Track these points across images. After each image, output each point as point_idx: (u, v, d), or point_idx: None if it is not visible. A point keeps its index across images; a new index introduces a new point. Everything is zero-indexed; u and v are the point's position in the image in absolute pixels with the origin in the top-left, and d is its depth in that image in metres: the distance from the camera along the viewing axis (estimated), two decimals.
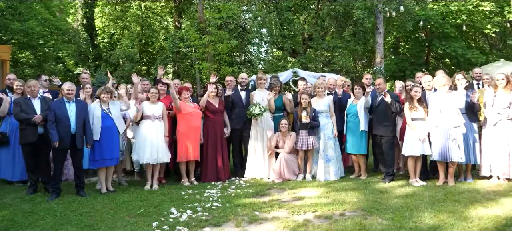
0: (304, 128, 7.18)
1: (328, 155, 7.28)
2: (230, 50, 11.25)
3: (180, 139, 6.99)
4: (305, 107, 7.19)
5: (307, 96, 7.22)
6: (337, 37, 12.31)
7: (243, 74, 7.95)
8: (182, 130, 6.98)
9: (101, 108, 6.46)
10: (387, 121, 7.00)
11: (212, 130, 7.26)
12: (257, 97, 7.48)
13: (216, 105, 7.33)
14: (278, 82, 7.66)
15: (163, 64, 15.88)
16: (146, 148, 6.62)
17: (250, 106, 7.32)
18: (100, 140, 6.36)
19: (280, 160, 7.18)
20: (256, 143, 7.44)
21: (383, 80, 7.24)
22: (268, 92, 7.43)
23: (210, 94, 7.29)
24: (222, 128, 7.41)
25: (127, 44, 20.73)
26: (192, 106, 7.12)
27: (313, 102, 7.34)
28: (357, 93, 7.30)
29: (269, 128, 7.39)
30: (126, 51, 19.58)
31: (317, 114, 7.26)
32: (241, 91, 7.71)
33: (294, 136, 7.25)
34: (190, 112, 6.99)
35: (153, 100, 6.83)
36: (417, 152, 6.60)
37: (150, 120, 6.74)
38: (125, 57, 19.57)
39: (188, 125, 6.97)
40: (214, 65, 10.50)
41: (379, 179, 7.17)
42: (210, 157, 7.23)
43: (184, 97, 7.05)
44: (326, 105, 7.36)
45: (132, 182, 7.41)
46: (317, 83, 7.43)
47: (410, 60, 15.93)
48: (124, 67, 18.77)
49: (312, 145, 7.18)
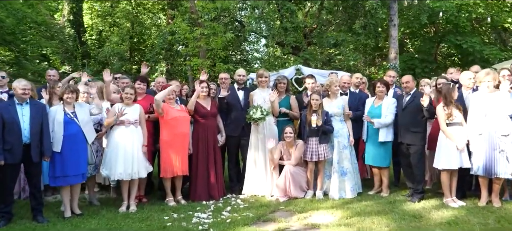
0: (315, 134, 5.92)
1: (344, 168, 6.02)
2: (225, 45, 9.95)
3: (163, 150, 5.71)
4: (316, 109, 5.93)
5: (318, 97, 5.96)
6: (345, 30, 10.98)
7: (240, 70, 6.66)
8: (166, 139, 5.69)
9: (64, 111, 5.18)
10: (417, 126, 5.75)
11: (203, 138, 5.98)
12: (258, 98, 6.19)
13: (207, 108, 6.04)
14: (283, 79, 6.37)
15: (152, 61, 14.66)
16: (118, 160, 5.33)
17: (250, 109, 6.04)
18: (61, 152, 5.09)
19: (285, 174, 5.91)
20: (257, 153, 6.16)
21: (411, 77, 5.99)
22: (271, 92, 6.15)
23: (200, 94, 6.01)
24: (215, 135, 6.13)
25: (116, 42, 19.62)
26: (178, 110, 5.83)
27: (325, 103, 6.08)
28: (380, 92, 6.05)
29: (272, 136, 6.12)
30: (115, 49, 18.51)
31: (329, 118, 6.00)
32: (238, 91, 6.42)
33: (302, 144, 5.98)
34: (175, 117, 5.70)
35: (128, 102, 5.53)
36: (454, 164, 5.35)
37: (124, 125, 5.45)
38: (114, 55, 18.42)
39: (173, 132, 5.68)
40: (207, 61, 9.19)
41: (404, 197, 5.94)
42: (201, 170, 5.94)
43: (168, 98, 5.76)
44: (340, 107, 6.10)
45: (106, 201, 6.12)
46: (331, 81, 6.15)
47: (419, 58, 14.70)
48: (113, 66, 17.77)
49: (324, 155, 5.91)
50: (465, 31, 14.04)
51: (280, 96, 6.30)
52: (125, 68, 18.75)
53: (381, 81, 6.16)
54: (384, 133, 5.97)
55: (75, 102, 5.33)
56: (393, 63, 9.70)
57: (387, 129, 5.98)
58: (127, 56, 20.39)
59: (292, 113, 6.27)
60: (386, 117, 5.93)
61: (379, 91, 6.06)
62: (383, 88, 6.05)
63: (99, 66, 19.43)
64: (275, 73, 8.77)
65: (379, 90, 6.06)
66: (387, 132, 5.99)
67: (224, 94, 6.18)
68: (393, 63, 9.69)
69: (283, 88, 6.31)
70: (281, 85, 6.31)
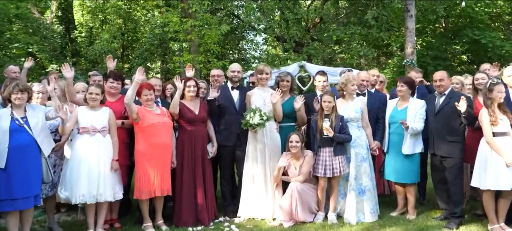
0: (327, 144, 4.81)
1: (362, 185, 4.91)
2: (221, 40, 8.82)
3: (139, 165, 4.58)
4: (329, 113, 4.82)
5: (331, 98, 4.84)
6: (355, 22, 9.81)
7: (235, 65, 5.48)
8: (142, 150, 4.56)
9: (11, 117, 4.07)
10: (454, 135, 4.65)
11: (190, 149, 4.86)
12: (256, 100, 5.08)
13: (195, 112, 4.92)
14: (287, 76, 5.24)
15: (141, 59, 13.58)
16: (81, 179, 4.22)
17: (246, 113, 4.91)
18: (7, 168, 3.99)
19: (291, 193, 4.79)
20: (255, 166, 5.04)
21: (446, 74, 4.87)
22: (273, 91, 5.03)
23: (187, 94, 4.90)
24: (205, 144, 5.00)
25: (107, 39, 18.57)
26: (158, 114, 4.70)
27: (339, 106, 4.97)
28: (403, 93, 4.95)
29: (273, 145, 5.01)
30: (105, 47, 17.46)
31: (345, 124, 4.88)
32: (232, 91, 5.29)
33: (311, 156, 4.87)
34: (153, 123, 4.57)
35: (93, 104, 4.41)
36: (504, 184, 4.23)
37: (88, 133, 4.33)
38: (104, 53, 17.39)
39: (151, 142, 4.55)
40: (199, 57, 8.05)
41: (437, 221, 4.85)
42: (187, 188, 4.82)
43: (146, 99, 4.63)
44: (358, 111, 4.99)
45: (72, 226, 5.00)
46: (347, 78, 5.02)
47: (431, 55, 13.57)
48: (103, 65, 16.78)
49: (340, 170, 4.80)
50: (480, 26, 12.97)
51: (283, 97, 5.18)
52: (117, 67, 17.75)
53: (403, 79, 5.03)
54: (411, 143, 4.87)
55: (27, 104, 4.22)
56: (410, 59, 8.57)
57: (414, 138, 4.87)
58: (119, 54, 19.39)
59: (300, 115, 5.12)
60: (415, 123, 4.82)
61: (399, 91, 4.95)
62: (403, 86, 4.94)
63: (89, 65, 18.44)
64: (276, 70, 7.65)
65: (400, 89, 4.95)
66: (415, 142, 4.88)
67: (213, 96, 5.03)
68: (410, 59, 8.56)
69: (286, 87, 5.19)
70: (284, 84, 5.19)
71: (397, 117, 4.93)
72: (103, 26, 20.07)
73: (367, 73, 5.54)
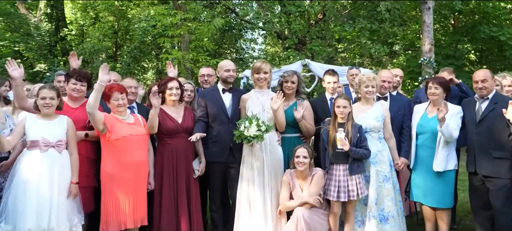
0: (342, 160, 3.88)
1: (385, 210, 3.97)
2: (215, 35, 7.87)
3: (106, 188, 3.64)
4: (344, 122, 3.89)
5: (347, 102, 3.91)
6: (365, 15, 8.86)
7: (226, 63, 4.45)
8: (110, 171, 3.62)
9: None
10: (500, 150, 3.72)
11: (171, 166, 3.92)
12: (253, 105, 4.12)
13: (178, 120, 3.98)
14: (292, 76, 4.29)
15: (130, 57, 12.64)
16: (27, 207, 3.28)
17: (241, 122, 3.95)
18: None
19: (296, 221, 3.84)
20: (252, 188, 4.06)
21: (489, 73, 3.93)
22: (274, 95, 4.10)
23: (168, 99, 3.97)
24: (190, 161, 4.06)
25: (98, 37, 17.66)
26: (132, 124, 3.76)
27: (356, 113, 4.03)
28: (437, 98, 4.01)
29: (275, 160, 4.07)
30: (96, 45, 16.55)
31: (364, 135, 3.94)
32: (224, 94, 4.32)
33: (322, 176, 3.94)
34: (125, 136, 3.62)
35: (47, 111, 3.47)
36: None
37: (39, 149, 3.39)
38: (95, 51, 16.49)
39: (122, 159, 3.61)
40: (190, 54, 7.09)
41: None
42: (167, 216, 3.88)
43: (116, 105, 3.69)
44: (380, 119, 4.06)
45: None
46: (361, 79, 4.09)
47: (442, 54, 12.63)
48: (93, 64, 15.91)
49: (357, 192, 3.86)
50: (494, 22, 12.06)
51: (288, 102, 4.25)
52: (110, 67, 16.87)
53: (437, 80, 4.06)
54: (443, 158, 3.93)
55: None
56: (428, 57, 7.62)
57: (447, 151, 3.93)
58: (111, 53, 18.48)
59: (304, 125, 4.19)
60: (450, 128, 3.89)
61: (432, 95, 4.00)
62: (437, 89, 4.00)
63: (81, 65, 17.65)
64: (277, 69, 6.70)
65: (430, 92, 4.01)
66: (448, 156, 3.94)
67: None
68: (427, 57, 7.62)
69: (291, 89, 4.25)
70: (288, 85, 4.25)
71: (428, 126, 4.00)
72: (96, 24, 19.22)
73: (390, 72, 4.59)
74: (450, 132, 3.79)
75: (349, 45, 14.73)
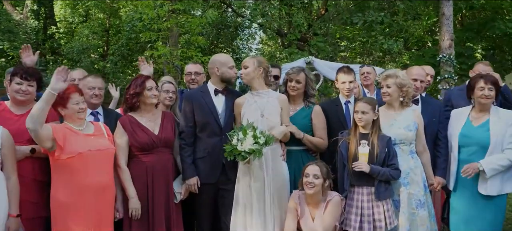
0: (365, 181, 3.03)
1: None
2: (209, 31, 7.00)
3: (58, 221, 2.76)
4: (366, 132, 3.04)
5: (369, 107, 3.06)
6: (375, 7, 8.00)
7: (227, 57, 3.51)
8: (64, 198, 2.74)
9: None
10: None
11: (145, 189, 3.05)
12: (249, 111, 3.25)
13: (153, 131, 3.11)
14: (297, 74, 3.41)
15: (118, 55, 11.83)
16: None
17: (233, 133, 3.06)
18: None
19: None
20: (250, 214, 3.17)
21: None
22: (277, 95, 3.24)
23: (148, 102, 3.10)
24: (170, 182, 3.18)
25: (87, 35, 16.84)
26: (92, 134, 2.88)
27: (383, 120, 3.17)
28: (488, 100, 3.16)
29: (278, 181, 3.20)
30: (86, 43, 15.73)
31: (393, 149, 3.09)
32: (216, 97, 3.41)
33: (338, 203, 3.07)
34: (81, 152, 2.74)
35: None
36: None
37: None
38: (84, 50, 15.71)
39: (78, 183, 2.74)
40: (177, 51, 6.21)
41: None
42: None
43: (77, 110, 2.81)
44: (412, 127, 3.19)
45: None
46: (392, 73, 3.22)
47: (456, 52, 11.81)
48: (81, 64, 15.15)
49: (384, 223, 3.00)
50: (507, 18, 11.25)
51: (294, 106, 3.39)
52: (98, 67, 16.09)
53: (489, 78, 3.20)
54: (497, 179, 3.08)
55: None
56: (447, 54, 6.79)
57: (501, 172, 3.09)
58: (102, 52, 17.64)
59: (308, 142, 3.34)
60: (506, 151, 3.04)
61: (486, 98, 3.14)
62: (491, 90, 3.14)
63: (69, 64, 16.83)
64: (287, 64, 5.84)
65: (484, 95, 3.15)
66: (503, 177, 3.09)
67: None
68: (447, 53, 6.79)
69: (296, 90, 3.39)
70: (292, 85, 3.39)
71: (474, 136, 3.15)
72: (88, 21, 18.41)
73: (422, 69, 3.72)
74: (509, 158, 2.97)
75: (350, 44, 13.96)
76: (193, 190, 3.25)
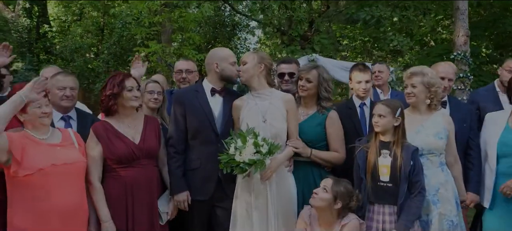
0: (387, 198, 2.54)
1: None
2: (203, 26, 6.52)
3: None
4: (388, 141, 2.55)
5: (389, 111, 2.56)
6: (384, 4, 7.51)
7: (228, 51, 3.06)
8: (22, 223, 2.24)
9: None
10: None
11: (123, 209, 2.55)
12: (249, 114, 2.75)
13: (134, 140, 2.60)
14: (308, 72, 2.89)
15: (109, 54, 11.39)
16: None
17: (230, 140, 2.57)
18: None
19: None
20: None
21: None
22: (283, 95, 2.78)
23: (127, 105, 2.60)
24: (153, 200, 2.67)
25: (80, 34, 16.45)
26: (57, 144, 2.38)
27: (408, 127, 2.66)
28: None
29: (282, 197, 2.70)
30: (78, 43, 15.34)
31: (419, 163, 2.59)
32: (213, 97, 2.90)
33: (356, 227, 2.56)
34: (43, 168, 2.24)
35: None
36: None
37: None
38: (76, 49, 15.35)
39: (41, 205, 2.24)
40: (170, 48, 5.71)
41: None
42: None
43: (40, 113, 2.31)
44: (443, 135, 2.70)
45: None
46: (418, 71, 2.72)
47: None
48: (74, 64, 14.84)
49: None
50: None
51: (305, 110, 2.91)
52: (91, 66, 15.67)
53: None
54: None
55: None
56: (463, 51, 6.31)
57: None
58: (96, 51, 17.21)
59: (322, 157, 2.84)
60: None
61: None
62: None
63: (62, 64, 16.44)
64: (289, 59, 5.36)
65: None
66: None
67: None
68: (462, 51, 6.31)
69: (306, 91, 2.88)
70: (302, 84, 2.88)
71: None
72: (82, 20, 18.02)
73: (450, 66, 3.22)
74: None
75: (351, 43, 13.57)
76: (183, 207, 2.75)
